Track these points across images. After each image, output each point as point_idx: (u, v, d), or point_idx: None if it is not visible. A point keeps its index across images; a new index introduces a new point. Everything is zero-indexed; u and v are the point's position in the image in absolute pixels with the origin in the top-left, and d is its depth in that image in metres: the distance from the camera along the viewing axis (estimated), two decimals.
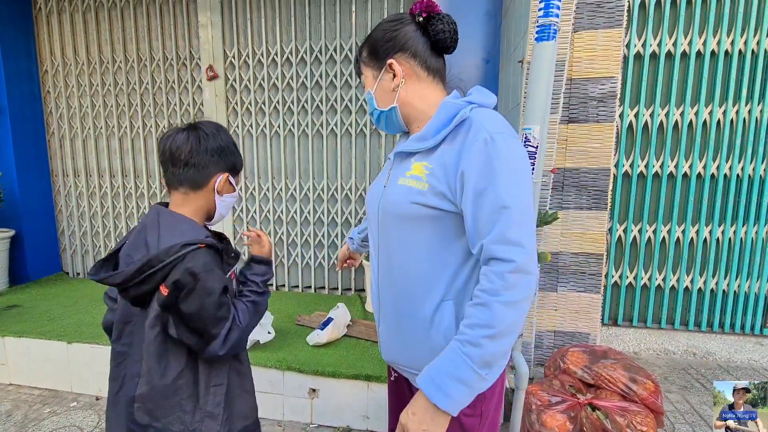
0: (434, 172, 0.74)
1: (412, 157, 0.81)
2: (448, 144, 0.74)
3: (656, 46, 2.23)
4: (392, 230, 0.82)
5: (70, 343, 2.09)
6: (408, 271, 0.80)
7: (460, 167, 0.69)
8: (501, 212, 0.66)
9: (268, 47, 2.78)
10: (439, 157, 0.75)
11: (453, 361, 0.66)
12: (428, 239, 0.76)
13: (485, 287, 0.66)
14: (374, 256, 0.90)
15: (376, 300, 0.92)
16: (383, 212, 0.84)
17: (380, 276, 0.88)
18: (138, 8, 2.93)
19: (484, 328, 0.65)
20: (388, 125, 0.89)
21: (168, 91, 2.96)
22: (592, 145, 2.03)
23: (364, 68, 0.87)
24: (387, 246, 0.84)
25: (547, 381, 1.74)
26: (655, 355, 2.45)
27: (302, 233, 2.94)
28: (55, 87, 3.13)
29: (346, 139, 2.80)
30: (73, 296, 2.80)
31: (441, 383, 0.66)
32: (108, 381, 0.89)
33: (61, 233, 3.31)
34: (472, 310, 0.67)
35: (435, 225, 0.75)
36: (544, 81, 1.25)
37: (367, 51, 0.86)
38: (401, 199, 0.78)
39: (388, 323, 0.88)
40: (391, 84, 0.83)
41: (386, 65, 0.82)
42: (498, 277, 0.65)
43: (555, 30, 1.20)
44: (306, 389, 1.87)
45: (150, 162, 3.09)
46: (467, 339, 0.66)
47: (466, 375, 0.65)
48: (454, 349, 0.67)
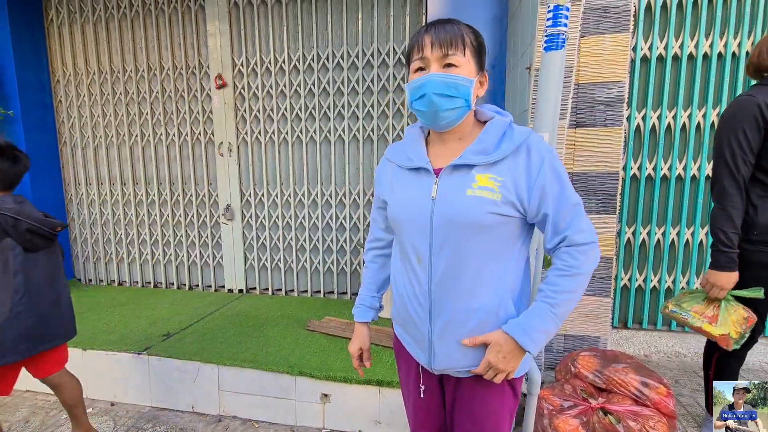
0: (505, 185, 0.84)
1: (472, 169, 0.86)
2: (512, 161, 0.85)
3: (663, 48, 2.23)
4: (460, 237, 0.86)
5: (84, 350, 2.13)
6: (480, 271, 0.87)
7: (538, 182, 0.83)
8: (575, 208, 0.85)
9: (276, 55, 2.82)
10: (507, 171, 0.84)
11: (543, 318, 0.85)
12: (496, 241, 0.87)
13: (571, 263, 0.84)
14: (425, 265, 0.90)
15: (425, 309, 0.92)
16: (447, 221, 0.86)
17: (437, 282, 0.89)
18: (148, 19, 2.97)
19: (569, 293, 0.85)
20: (454, 119, 0.88)
21: (177, 100, 3.01)
22: (600, 149, 2.03)
23: (471, 55, 0.86)
24: (453, 251, 0.87)
25: (559, 385, 1.75)
26: (666, 358, 2.44)
27: (311, 238, 2.97)
28: (67, 96, 3.18)
29: (353, 145, 2.83)
30: (87, 303, 2.84)
31: (532, 334, 0.84)
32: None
33: (73, 241, 3.36)
34: (559, 279, 0.85)
35: (502, 229, 0.86)
36: (553, 90, 1.26)
37: (478, 43, 0.88)
38: (476, 209, 0.83)
39: (447, 328, 0.90)
40: (477, 89, 0.89)
41: (483, 72, 0.89)
42: (581, 254, 0.84)
43: (564, 39, 1.21)
44: (318, 394, 1.89)
45: (160, 170, 3.13)
46: (556, 302, 0.84)
47: (550, 327, 0.85)
48: (544, 310, 0.85)
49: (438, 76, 0.83)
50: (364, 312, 1.13)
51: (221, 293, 3.10)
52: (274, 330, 2.35)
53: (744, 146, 1.35)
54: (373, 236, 1.16)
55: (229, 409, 1.99)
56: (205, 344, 2.15)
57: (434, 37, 0.83)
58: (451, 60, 0.83)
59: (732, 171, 1.38)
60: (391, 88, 2.70)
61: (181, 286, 3.24)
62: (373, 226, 1.15)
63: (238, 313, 2.64)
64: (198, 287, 3.21)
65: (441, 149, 0.93)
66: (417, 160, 0.92)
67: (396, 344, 1.10)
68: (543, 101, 1.28)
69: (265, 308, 2.73)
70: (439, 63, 0.84)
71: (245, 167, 2.98)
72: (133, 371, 2.08)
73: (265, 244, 3.03)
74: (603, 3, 1.93)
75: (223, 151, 2.96)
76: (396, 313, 1.05)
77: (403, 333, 1.04)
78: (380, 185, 1.04)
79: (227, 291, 3.13)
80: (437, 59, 0.83)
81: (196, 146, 3.05)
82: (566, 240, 0.86)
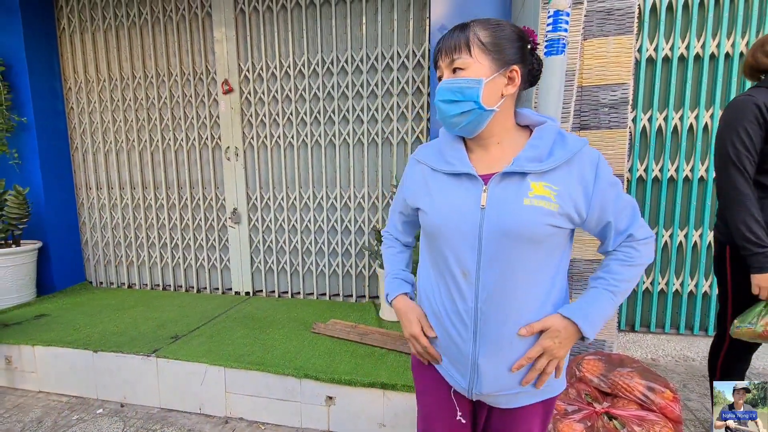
0: (561, 194, 0.80)
1: (526, 177, 0.81)
2: (566, 170, 0.82)
3: (669, 50, 2.22)
4: (513, 249, 0.81)
5: (95, 352, 2.17)
6: (531, 286, 0.84)
7: (597, 194, 0.83)
8: (632, 208, 0.88)
9: (281, 60, 2.85)
10: (561, 180, 0.81)
11: (605, 305, 0.86)
12: (545, 253, 0.83)
13: (633, 254, 0.87)
14: (471, 280, 0.84)
15: (469, 328, 0.85)
16: (500, 233, 0.80)
17: (485, 299, 0.83)
18: (156, 26, 3.03)
19: (629, 282, 0.87)
20: (468, 123, 0.83)
21: (185, 105, 3.06)
22: (604, 151, 2.02)
23: (481, 54, 0.80)
24: (504, 265, 0.81)
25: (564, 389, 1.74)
26: (674, 361, 2.41)
27: (316, 241, 2.99)
28: (78, 103, 3.25)
29: (357, 149, 2.84)
30: (97, 306, 2.89)
31: (593, 320, 0.85)
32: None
33: (84, 244, 3.43)
34: (622, 269, 0.87)
35: (552, 240, 0.83)
36: (554, 94, 1.26)
37: (491, 39, 0.80)
38: (535, 221, 0.79)
39: (496, 349, 0.85)
40: (502, 88, 0.82)
41: (510, 69, 0.81)
42: (643, 246, 0.87)
43: (564, 44, 1.22)
44: (323, 397, 1.90)
45: (169, 174, 3.18)
46: (618, 290, 0.87)
47: (609, 313, 0.87)
48: (606, 297, 0.86)
49: (443, 83, 0.83)
50: (401, 284, 1.03)
51: (228, 296, 3.14)
52: (280, 332, 2.37)
53: (748, 145, 1.34)
54: (390, 236, 1.11)
55: (236, 411, 2.02)
56: (213, 346, 2.18)
57: (442, 44, 0.84)
58: (457, 64, 0.81)
59: (741, 170, 1.36)
60: (395, 92, 2.71)
61: (189, 289, 3.29)
62: (391, 228, 1.10)
63: (245, 315, 2.67)
64: (206, 290, 3.25)
65: (482, 154, 0.87)
66: (459, 164, 0.85)
67: (418, 365, 1.02)
68: (544, 105, 1.28)
69: (271, 311, 2.76)
70: (449, 70, 0.83)
71: (252, 171, 3.01)
72: (142, 373, 2.12)
73: (271, 247, 3.06)
74: (606, 5, 1.92)
75: (230, 156, 3.00)
76: None
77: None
78: (409, 190, 0.96)
79: (234, 294, 3.17)
80: (447, 66, 0.83)
81: (204, 151, 3.09)
82: (630, 237, 0.88)
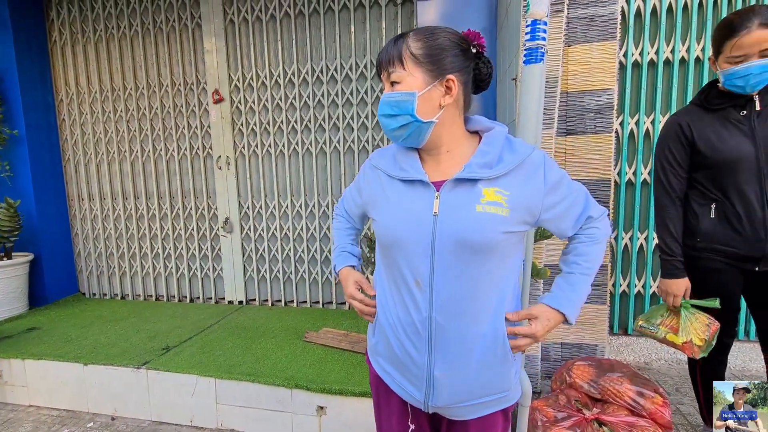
0: (512, 198, 0.79)
1: (477, 183, 0.79)
2: (515, 174, 0.81)
3: (654, 54, 2.23)
4: (467, 256, 0.78)
5: (86, 365, 2.16)
6: (486, 292, 0.81)
7: (551, 196, 0.83)
8: (584, 194, 0.90)
9: (271, 69, 2.86)
10: (512, 185, 0.80)
11: (584, 288, 0.88)
12: (500, 257, 0.81)
13: (595, 233, 0.89)
14: (425, 289, 0.81)
15: (424, 339, 0.83)
16: (453, 240, 0.78)
17: (440, 308, 0.81)
18: (147, 37, 3.04)
19: (598, 260, 0.90)
20: (408, 136, 0.83)
21: (176, 115, 3.06)
22: (591, 156, 2.03)
23: (414, 66, 0.79)
24: (459, 272, 0.79)
25: (554, 396, 1.74)
26: (667, 365, 2.41)
27: (309, 249, 2.99)
28: (70, 115, 3.26)
29: (348, 156, 2.85)
30: (89, 317, 2.88)
31: (577, 305, 0.88)
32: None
33: (77, 255, 3.42)
34: (588, 248, 0.89)
35: (507, 245, 0.81)
36: (534, 101, 1.27)
37: (423, 50, 0.79)
38: (488, 228, 0.77)
39: (452, 359, 0.82)
40: (440, 99, 0.81)
41: (445, 78, 0.80)
42: (600, 222, 0.90)
43: (543, 53, 1.22)
44: (314, 407, 1.89)
45: (161, 184, 3.18)
46: (591, 271, 0.89)
47: (585, 296, 0.89)
48: (584, 281, 0.89)
49: (383, 97, 0.84)
50: (347, 257, 1.04)
51: (221, 305, 3.13)
52: (272, 341, 2.36)
53: (672, 162, 1.46)
54: (344, 211, 1.10)
55: (227, 423, 2.01)
56: (204, 357, 2.17)
57: (380, 57, 0.84)
58: (392, 78, 0.82)
59: (665, 185, 1.49)
60: None
61: (182, 299, 3.28)
62: (345, 205, 1.09)
63: (237, 325, 2.66)
64: (198, 299, 3.24)
65: (434, 162, 0.86)
66: (412, 171, 0.84)
67: (375, 382, 0.98)
68: (525, 113, 1.29)
69: (263, 319, 2.75)
70: (388, 83, 0.84)
71: (243, 180, 3.01)
72: (133, 385, 2.11)
73: (264, 255, 3.06)
74: (589, 12, 1.94)
75: (221, 165, 3.00)
76: (381, 346, 0.93)
77: (389, 367, 0.92)
78: (368, 196, 0.93)
79: (227, 303, 3.16)
80: (386, 80, 0.84)
81: (195, 160, 3.10)
82: (589, 219, 0.90)
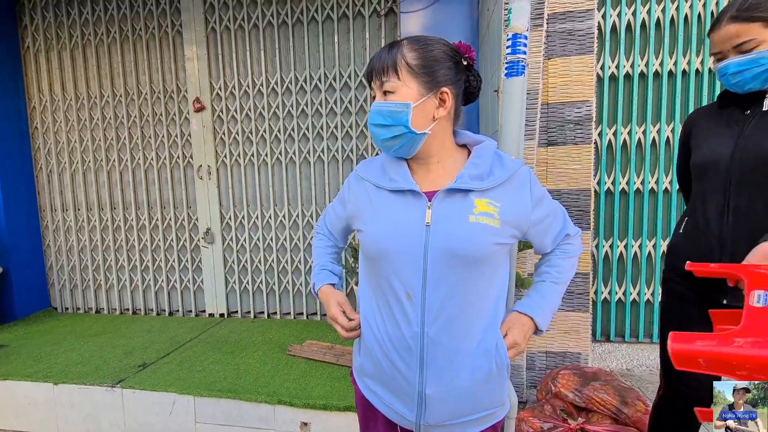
0: (503, 210, 0.80)
1: (469, 194, 0.80)
2: (504, 188, 0.83)
3: (629, 67, 2.30)
4: (460, 268, 0.78)
5: (56, 384, 2.06)
6: (479, 305, 0.82)
7: (536, 213, 0.85)
8: (562, 212, 0.95)
9: (254, 78, 2.83)
10: (502, 197, 0.81)
11: (554, 297, 0.91)
12: (491, 269, 0.82)
13: (569, 249, 0.94)
14: (416, 302, 0.79)
15: (415, 355, 0.80)
16: (446, 251, 0.77)
17: (432, 322, 0.79)
18: (125, 44, 2.98)
19: (570, 273, 0.94)
20: (401, 147, 0.82)
21: (156, 124, 2.99)
22: (571, 166, 2.07)
23: (409, 77, 0.79)
24: (451, 285, 0.78)
25: (539, 406, 1.74)
26: (649, 371, 2.44)
27: (292, 259, 2.94)
28: (43, 123, 3.15)
29: (333, 166, 2.83)
30: (60, 333, 2.76)
31: (547, 312, 0.89)
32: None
33: (49, 268, 3.28)
34: (562, 261, 0.93)
35: (498, 257, 0.82)
36: (516, 113, 1.28)
37: (419, 61, 0.79)
38: (481, 239, 0.77)
39: (445, 375, 0.80)
40: (433, 111, 0.81)
41: (440, 91, 0.80)
42: (575, 239, 0.96)
43: (523, 66, 1.24)
44: (297, 423, 1.84)
45: (138, 194, 3.09)
46: (563, 281, 0.93)
47: (558, 304, 0.92)
48: (558, 292, 0.92)
49: (374, 106, 0.83)
50: (328, 275, 1.01)
51: (202, 318, 3.04)
52: (254, 356, 2.30)
53: (678, 164, 1.38)
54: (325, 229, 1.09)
55: None
56: (182, 374, 2.09)
57: (373, 65, 0.83)
58: (386, 87, 0.81)
59: (680, 185, 1.42)
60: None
61: (161, 312, 3.17)
62: (327, 223, 1.08)
63: (218, 339, 2.59)
64: (178, 312, 3.14)
65: (424, 173, 0.85)
66: (403, 181, 0.82)
67: (362, 402, 0.94)
68: (507, 124, 1.30)
69: (245, 333, 2.68)
70: (380, 92, 0.82)
71: (225, 190, 2.96)
72: (107, 405, 2.01)
73: (246, 266, 2.99)
74: (567, 26, 1.99)
75: (202, 174, 2.94)
76: (367, 364, 0.89)
77: (376, 387, 0.88)
78: (355, 209, 0.91)
79: (208, 315, 3.07)
80: (378, 88, 0.83)
81: (175, 170, 3.03)
82: (566, 236, 0.95)
